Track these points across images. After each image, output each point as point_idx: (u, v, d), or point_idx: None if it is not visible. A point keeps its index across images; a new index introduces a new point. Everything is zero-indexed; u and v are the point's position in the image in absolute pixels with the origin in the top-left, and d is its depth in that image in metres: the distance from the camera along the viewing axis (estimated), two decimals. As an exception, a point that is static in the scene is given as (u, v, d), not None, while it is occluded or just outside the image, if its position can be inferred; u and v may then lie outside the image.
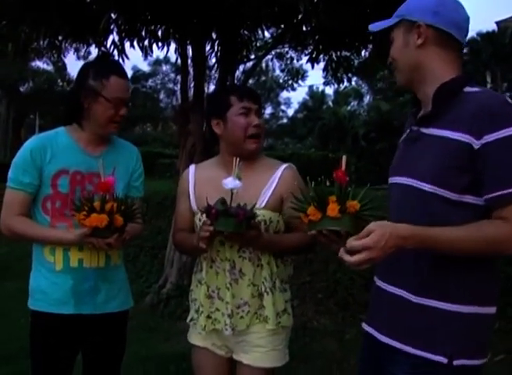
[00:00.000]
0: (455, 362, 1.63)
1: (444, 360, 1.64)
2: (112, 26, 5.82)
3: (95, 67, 2.38)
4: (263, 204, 2.25)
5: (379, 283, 1.85)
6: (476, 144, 1.58)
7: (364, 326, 1.92)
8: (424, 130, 1.73)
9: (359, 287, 5.84)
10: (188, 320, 2.45)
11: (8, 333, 4.89)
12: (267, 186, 2.28)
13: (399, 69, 1.81)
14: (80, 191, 2.32)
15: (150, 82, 41.58)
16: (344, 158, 1.77)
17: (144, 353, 4.74)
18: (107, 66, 2.40)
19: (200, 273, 2.36)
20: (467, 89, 1.68)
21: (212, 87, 12.46)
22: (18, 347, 3.97)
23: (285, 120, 45.65)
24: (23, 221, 2.34)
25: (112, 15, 5.34)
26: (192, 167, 2.50)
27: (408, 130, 1.84)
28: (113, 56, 6.09)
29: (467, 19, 1.77)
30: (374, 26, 1.85)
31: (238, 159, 2.08)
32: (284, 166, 2.34)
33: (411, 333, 1.70)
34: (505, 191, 1.56)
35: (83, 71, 2.39)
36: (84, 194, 2.27)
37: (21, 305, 2.55)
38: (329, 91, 49.31)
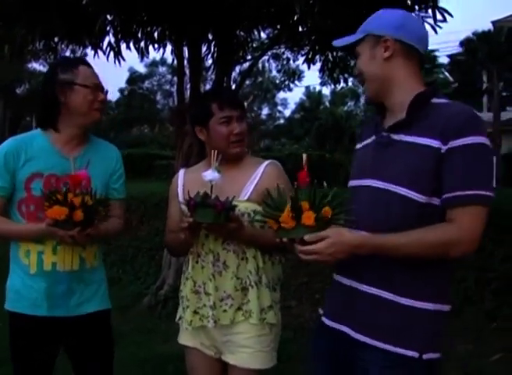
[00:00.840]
0: (424, 356, 1.74)
1: (416, 355, 1.74)
2: (108, 28, 5.81)
3: (61, 63, 2.45)
4: (246, 196, 2.29)
5: (345, 281, 1.90)
6: (443, 148, 1.70)
7: (328, 321, 1.97)
8: (396, 137, 1.82)
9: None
10: (177, 319, 2.45)
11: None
12: (250, 180, 2.32)
13: (368, 80, 1.90)
14: None
15: (146, 83, 41.49)
16: (305, 157, 1.80)
17: (142, 355, 4.74)
18: (72, 59, 2.50)
19: (187, 270, 2.38)
20: (435, 100, 1.80)
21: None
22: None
23: (282, 121, 45.62)
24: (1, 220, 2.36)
25: (108, 16, 5.32)
26: (182, 171, 2.54)
27: (374, 137, 1.92)
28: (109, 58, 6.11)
29: (427, 35, 1.92)
30: (338, 42, 1.97)
31: (216, 152, 2.13)
32: (267, 162, 2.39)
33: (384, 329, 1.78)
34: (455, 193, 1.68)
35: (49, 71, 2.44)
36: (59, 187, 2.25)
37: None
38: (326, 91, 49.41)
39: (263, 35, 7.96)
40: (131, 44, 6.30)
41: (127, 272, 7.34)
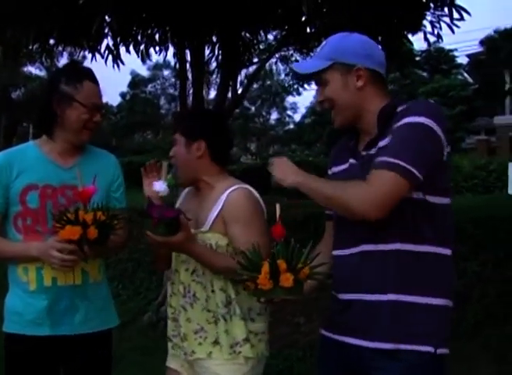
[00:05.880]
0: (438, 351, 1.86)
1: (432, 349, 1.85)
2: (106, 30, 5.82)
3: (67, 73, 2.44)
4: (208, 227, 2.32)
5: (346, 296, 1.99)
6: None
7: (340, 337, 2.02)
8: (372, 151, 1.96)
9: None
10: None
11: None
12: (213, 209, 2.33)
13: (339, 109, 2.02)
14: (52, 204, 2.33)
15: (149, 87, 41.65)
16: (278, 207, 1.89)
17: (143, 376, 4.71)
18: (79, 71, 2.46)
19: (168, 297, 2.46)
20: (399, 108, 1.92)
21: (214, 93, 12.48)
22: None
23: (291, 126, 45.62)
24: None
25: (107, 17, 5.33)
26: (187, 189, 2.59)
27: (354, 161, 2.05)
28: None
29: (384, 57, 2.06)
30: (301, 68, 2.13)
31: (166, 164, 2.20)
32: (231, 189, 2.33)
33: (398, 331, 1.87)
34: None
35: (54, 77, 2.47)
36: (58, 206, 2.27)
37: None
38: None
39: (270, 37, 7.98)
40: (131, 47, 6.32)
41: (127, 287, 7.32)
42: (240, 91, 8.16)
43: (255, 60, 8.33)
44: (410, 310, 1.87)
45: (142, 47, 6.42)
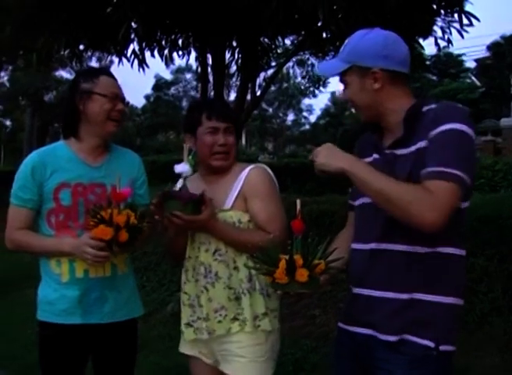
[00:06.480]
0: (441, 347, 1.82)
1: (432, 344, 1.81)
2: (132, 36, 5.86)
3: (84, 73, 2.48)
4: (229, 205, 2.32)
5: (363, 291, 1.95)
6: (428, 143, 1.79)
7: (349, 327, 2.02)
8: (399, 152, 1.89)
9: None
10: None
11: (27, 342, 4.90)
12: (233, 188, 2.33)
13: (360, 108, 1.99)
14: (83, 202, 2.34)
15: (172, 90, 41.82)
16: (298, 202, 1.85)
17: (166, 363, 4.71)
18: (94, 69, 2.57)
19: (182, 285, 2.43)
20: (425, 108, 1.87)
21: (234, 95, 12.50)
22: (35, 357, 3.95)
23: (307, 127, 45.57)
24: (26, 233, 2.38)
25: (133, 24, 5.36)
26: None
27: (377, 155, 1.99)
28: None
29: (408, 52, 1.96)
30: (324, 71, 2.13)
31: (188, 146, 2.20)
32: (251, 166, 2.37)
33: (404, 324, 1.84)
34: (434, 169, 1.73)
35: (73, 81, 2.49)
36: (88, 203, 2.30)
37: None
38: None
39: (287, 42, 7.95)
40: (155, 52, 6.34)
41: (151, 279, 7.34)
42: (258, 93, 8.16)
43: (273, 64, 8.33)
44: (416, 307, 1.84)
45: (166, 51, 6.45)
